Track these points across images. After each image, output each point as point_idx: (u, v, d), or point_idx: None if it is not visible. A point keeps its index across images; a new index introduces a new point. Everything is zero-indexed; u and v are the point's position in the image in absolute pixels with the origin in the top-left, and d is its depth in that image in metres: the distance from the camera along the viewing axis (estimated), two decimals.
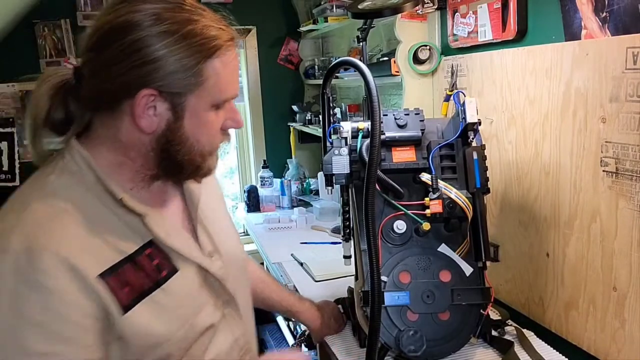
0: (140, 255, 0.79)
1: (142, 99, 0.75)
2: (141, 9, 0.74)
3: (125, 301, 0.75)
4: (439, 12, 1.69)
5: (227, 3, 2.88)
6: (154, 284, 0.80)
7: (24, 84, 2.69)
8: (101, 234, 0.76)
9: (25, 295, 0.68)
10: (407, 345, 1.08)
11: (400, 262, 1.16)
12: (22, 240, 0.70)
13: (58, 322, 0.70)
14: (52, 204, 0.75)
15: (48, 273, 0.69)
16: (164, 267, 0.82)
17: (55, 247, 0.71)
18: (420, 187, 1.19)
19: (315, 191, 2.98)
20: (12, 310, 0.68)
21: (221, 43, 0.77)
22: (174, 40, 0.74)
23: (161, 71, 0.74)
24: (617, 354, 1.12)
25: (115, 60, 0.73)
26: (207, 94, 0.78)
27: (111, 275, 0.75)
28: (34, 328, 0.69)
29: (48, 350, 0.69)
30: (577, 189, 1.19)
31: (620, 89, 1.04)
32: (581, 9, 1.13)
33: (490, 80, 1.45)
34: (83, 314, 0.72)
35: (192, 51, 0.75)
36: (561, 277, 1.26)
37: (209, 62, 0.76)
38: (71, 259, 0.71)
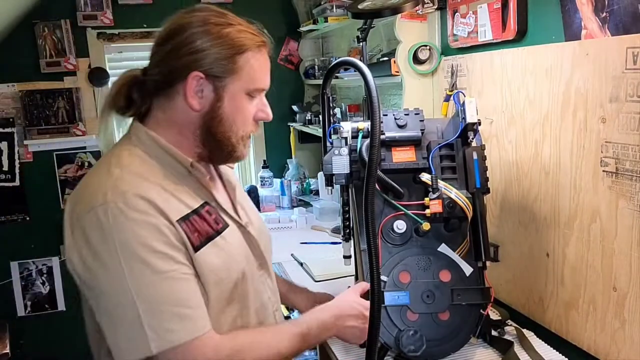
0: (202, 210, 0.99)
1: (192, 80, 0.95)
2: (194, 15, 0.98)
3: (196, 242, 0.94)
4: (439, 12, 1.69)
5: (227, 3, 2.88)
6: (215, 232, 0.99)
7: (24, 84, 2.70)
8: (171, 193, 0.95)
9: (129, 230, 0.87)
10: (407, 345, 1.08)
11: (400, 262, 1.16)
12: (117, 192, 0.89)
13: (158, 245, 0.89)
14: (130, 170, 0.94)
15: (143, 210, 0.89)
16: (219, 221, 1.02)
17: (144, 193, 0.90)
18: (420, 187, 1.19)
19: (315, 191, 2.98)
20: (122, 246, 0.87)
21: (251, 43, 0.98)
22: (216, 37, 0.95)
23: (207, 59, 0.95)
24: (617, 354, 1.12)
25: (173, 51, 0.96)
26: (242, 81, 0.98)
27: (184, 222, 0.94)
28: (147, 255, 0.88)
29: (153, 268, 0.88)
30: (577, 189, 1.19)
31: (620, 89, 1.04)
32: (581, 9, 1.13)
33: (490, 80, 1.45)
34: (176, 239, 0.91)
35: (228, 45, 0.96)
36: (561, 277, 1.26)
37: (242, 55, 0.97)
38: (159, 204, 0.91)
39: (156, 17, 3.21)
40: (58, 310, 2.88)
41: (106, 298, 0.90)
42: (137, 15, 2.80)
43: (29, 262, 2.83)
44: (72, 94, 2.75)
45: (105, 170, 0.94)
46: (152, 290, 0.88)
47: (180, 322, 0.89)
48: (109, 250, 0.87)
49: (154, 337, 0.87)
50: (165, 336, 0.88)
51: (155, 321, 0.88)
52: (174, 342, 0.88)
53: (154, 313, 0.88)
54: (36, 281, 2.84)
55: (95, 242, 0.88)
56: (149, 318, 0.87)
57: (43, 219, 2.80)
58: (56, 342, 2.86)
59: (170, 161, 0.99)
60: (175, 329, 0.89)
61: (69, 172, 2.82)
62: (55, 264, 2.85)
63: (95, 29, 2.76)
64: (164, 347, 0.88)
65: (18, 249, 2.80)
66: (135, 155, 0.97)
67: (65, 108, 2.75)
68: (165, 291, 0.89)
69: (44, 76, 2.71)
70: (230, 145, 1.01)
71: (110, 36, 2.79)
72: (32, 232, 2.80)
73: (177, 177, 0.99)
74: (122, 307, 0.88)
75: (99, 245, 0.88)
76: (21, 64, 2.68)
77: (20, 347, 2.78)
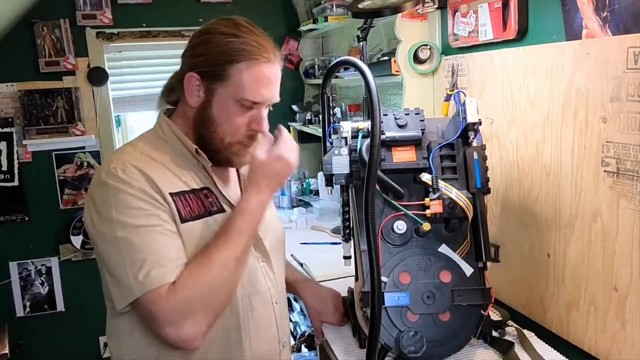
0: (200, 192, 1.08)
1: (189, 79, 1.06)
2: (215, 24, 1.08)
3: (185, 215, 1.03)
4: (439, 11, 1.69)
5: (227, 3, 2.88)
6: (207, 212, 1.07)
7: (23, 84, 2.69)
8: (175, 173, 1.06)
9: (122, 188, 0.98)
10: (407, 346, 1.08)
11: (400, 262, 1.15)
12: (120, 163, 1.01)
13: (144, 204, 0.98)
14: (142, 151, 1.07)
15: (135, 178, 1.00)
16: (215, 204, 1.09)
17: (141, 167, 1.01)
18: (420, 187, 1.18)
19: (315, 191, 2.97)
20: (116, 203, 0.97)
21: (249, 55, 1.03)
22: (215, 45, 1.05)
23: (204, 63, 1.05)
24: (617, 354, 1.12)
25: (186, 52, 1.10)
26: (230, 88, 1.04)
27: (177, 196, 1.03)
28: (134, 210, 0.97)
29: (138, 222, 0.97)
30: (578, 189, 1.19)
31: (621, 88, 1.04)
32: (582, 9, 1.13)
33: (490, 80, 1.45)
34: (162, 208, 1.00)
35: (223, 54, 1.04)
36: (562, 278, 1.26)
37: (234, 64, 1.03)
38: (152, 177, 1.01)
39: (155, 16, 3.20)
40: (57, 310, 2.87)
41: (102, 249, 0.99)
42: (137, 14, 2.80)
43: (27, 263, 2.82)
44: (71, 94, 2.74)
45: (123, 148, 1.11)
46: (137, 239, 0.96)
47: (157, 268, 0.95)
48: (104, 206, 0.99)
49: (134, 282, 0.94)
50: (144, 281, 0.94)
51: (135, 267, 0.95)
52: (147, 286, 0.94)
53: (136, 260, 0.95)
54: (35, 281, 2.84)
55: (97, 199, 1.01)
56: (132, 264, 0.95)
57: (42, 219, 2.79)
58: (55, 342, 2.86)
59: (180, 147, 1.10)
60: (151, 274, 0.94)
61: (68, 172, 2.81)
62: (54, 264, 2.85)
63: (94, 28, 2.75)
64: (143, 290, 0.94)
65: (17, 249, 2.80)
66: (152, 139, 1.11)
67: (64, 108, 2.75)
68: (147, 241, 0.97)
69: (43, 76, 2.70)
70: (215, 145, 1.08)
71: (110, 35, 2.79)
72: (31, 232, 2.79)
73: (184, 162, 1.09)
74: (113, 254, 0.97)
75: (98, 201, 1.00)
76: (20, 63, 2.68)
77: (19, 348, 2.77)
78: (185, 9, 2.84)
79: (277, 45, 1.10)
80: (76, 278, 2.82)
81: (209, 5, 2.87)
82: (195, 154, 1.09)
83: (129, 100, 2.96)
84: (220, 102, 1.05)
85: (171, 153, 1.09)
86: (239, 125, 1.07)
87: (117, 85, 2.92)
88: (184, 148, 1.09)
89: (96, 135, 2.82)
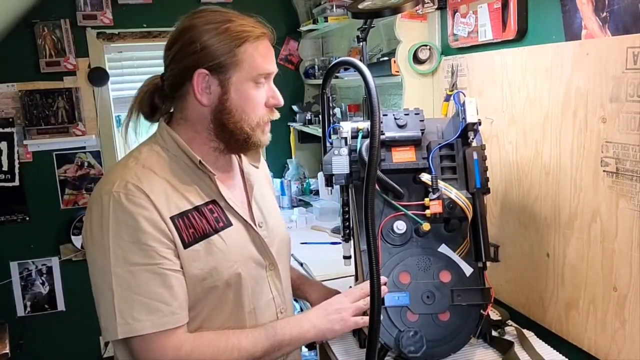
0: (204, 207, 1.04)
1: (198, 78, 1.01)
2: (196, 17, 1.04)
3: (187, 239, 1.00)
4: (439, 12, 1.69)
5: (227, 3, 2.88)
6: (213, 231, 1.04)
7: (24, 84, 2.69)
8: (176, 188, 1.02)
9: (121, 219, 0.95)
10: (407, 346, 1.08)
11: (400, 262, 1.16)
12: (122, 183, 0.97)
13: (144, 238, 0.95)
14: (144, 165, 1.02)
15: (139, 204, 0.96)
16: (221, 220, 1.06)
17: (145, 187, 0.98)
18: (420, 188, 1.19)
19: (315, 191, 2.97)
20: (114, 233, 0.94)
21: (251, 34, 1.02)
22: (215, 34, 1.01)
23: (209, 55, 1.00)
24: (617, 354, 1.12)
25: (179, 53, 1.02)
26: (244, 71, 1.02)
27: (180, 218, 1.00)
28: (132, 245, 0.94)
29: (133, 259, 0.94)
30: (577, 189, 1.19)
31: (621, 88, 1.04)
32: (581, 9, 1.13)
33: (490, 80, 1.45)
34: (164, 236, 0.97)
35: (227, 40, 1.01)
36: (561, 277, 1.26)
37: (241, 47, 1.01)
38: (155, 199, 0.98)
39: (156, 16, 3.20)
40: (58, 310, 2.88)
41: (94, 277, 0.97)
42: (137, 15, 2.80)
43: (28, 262, 2.82)
44: (71, 94, 2.75)
45: (124, 162, 1.05)
46: (129, 277, 0.94)
47: (148, 313, 0.94)
48: (102, 234, 0.95)
49: (121, 322, 0.93)
50: (132, 324, 0.93)
51: (125, 307, 0.93)
52: (137, 331, 0.93)
53: (125, 300, 0.93)
54: (36, 281, 2.84)
55: (94, 224, 0.97)
56: (121, 303, 0.93)
57: (43, 219, 2.79)
58: (56, 342, 2.87)
59: (184, 158, 1.06)
60: (141, 319, 0.93)
61: (69, 172, 2.81)
62: (55, 264, 2.85)
63: (95, 28, 2.75)
64: (128, 333, 0.93)
65: (18, 249, 2.80)
66: (153, 152, 1.06)
67: (64, 108, 2.75)
68: (140, 281, 0.94)
69: (43, 76, 2.70)
70: (244, 133, 1.05)
71: (110, 36, 2.79)
72: (32, 232, 2.79)
73: (188, 174, 1.06)
74: (104, 287, 0.95)
75: (96, 227, 0.96)
76: (21, 63, 2.68)
77: (20, 347, 2.78)
78: (185, 10, 2.78)
79: None
80: (77, 278, 2.82)
81: (209, 5, 2.87)
82: (200, 165, 1.05)
83: (129, 100, 2.93)
84: (238, 90, 1.03)
85: (174, 165, 1.05)
86: (260, 105, 1.06)
87: (117, 85, 2.92)
88: (187, 158, 1.06)
89: (97, 135, 2.82)
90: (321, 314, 1.08)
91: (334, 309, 1.08)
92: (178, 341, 0.97)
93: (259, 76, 1.04)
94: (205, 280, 1.01)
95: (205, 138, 1.07)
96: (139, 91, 1.11)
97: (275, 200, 1.33)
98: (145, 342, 0.94)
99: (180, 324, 0.97)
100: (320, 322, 1.07)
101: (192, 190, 1.04)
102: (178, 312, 0.97)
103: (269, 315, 1.12)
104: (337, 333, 1.08)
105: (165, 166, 1.04)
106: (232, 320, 1.06)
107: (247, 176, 1.18)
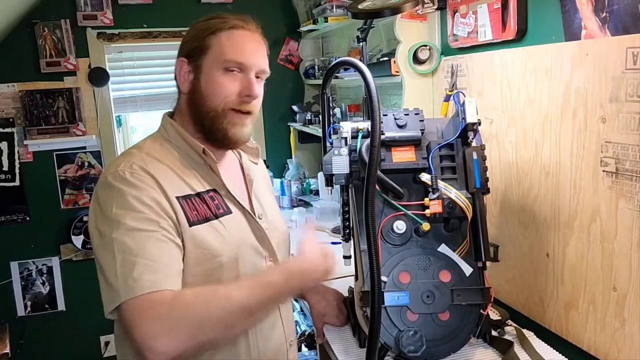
0: (205, 194, 1.08)
1: (178, 65, 1.10)
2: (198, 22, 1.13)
3: (192, 219, 1.03)
4: (439, 12, 1.69)
5: (227, 3, 2.88)
6: (214, 215, 1.07)
7: (24, 84, 2.70)
8: (180, 176, 1.07)
9: (126, 191, 0.98)
10: (406, 346, 1.08)
11: (400, 262, 1.16)
12: (127, 166, 1.02)
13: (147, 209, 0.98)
14: (149, 154, 1.07)
15: (142, 180, 1.00)
16: (221, 207, 1.10)
17: (148, 168, 1.02)
18: (420, 187, 1.19)
19: (315, 191, 2.98)
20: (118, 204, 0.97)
21: (224, 25, 1.08)
22: (196, 29, 1.11)
23: (186, 46, 1.11)
24: (617, 354, 1.12)
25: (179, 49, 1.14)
26: (212, 56, 1.07)
27: (184, 199, 1.04)
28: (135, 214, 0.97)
29: (137, 226, 0.96)
30: (577, 189, 1.19)
31: (620, 89, 1.04)
32: (581, 9, 1.13)
33: (490, 80, 1.45)
34: (164, 216, 0.99)
35: (202, 31, 1.09)
36: (561, 277, 1.26)
37: (213, 35, 1.08)
38: (159, 179, 1.02)
39: (156, 17, 3.21)
40: (58, 310, 2.88)
41: (98, 249, 0.98)
42: (137, 15, 2.80)
43: (28, 262, 2.82)
44: (72, 94, 2.75)
45: (129, 150, 1.10)
46: (131, 242, 0.95)
47: (149, 273, 0.94)
48: (106, 207, 0.98)
49: (123, 285, 0.92)
50: (132, 285, 0.92)
51: (126, 270, 0.93)
52: (136, 291, 0.92)
53: (127, 263, 0.94)
54: (36, 281, 2.84)
55: (101, 200, 1.01)
56: (123, 267, 0.94)
57: (43, 219, 2.79)
58: (56, 342, 2.87)
59: (186, 148, 1.10)
60: (142, 278, 0.93)
61: (69, 172, 2.81)
62: (55, 264, 2.85)
63: (95, 28, 2.75)
64: (130, 294, 0.92)
65: (18, 249, 2.80)
66: (157, 142, 1.11)
67: (65, 108, 2.75)
68: (142, 245, 0.95)
69: (44, 76, 2.70)
70: (210, 119, 1.08)
71: (110, 36, 2.79)
72: (32, 232, 2.79)
73: (190, 163, 1.10)
74: (106, 255, 0.96)
75: (103, 203, 1.00)
76: (21, 64, 2.68)
77: (20, 347, 2.77)
78: (185, 10, 2.84)
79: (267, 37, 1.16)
80: (77, 278, 2.83)
81: (209, 5, 2.87)
82: (203, 154, 1.09)
83: (129, 100, 2.96)
84: (207, 74, 1.07)
85: (176, 154, 1.09)
86: (229, 92, 1.07)
87: (118, 85, 2.92)
88: (189, 148, 1.10)
89: (97, 135, 2.82)
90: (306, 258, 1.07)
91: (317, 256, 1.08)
92: (174, 294, 0.94)
93: (226, 62, 1.06)
94: (207, 261, 1.03)
95: (192, 128, 1.11)
96: None
97: (275, 200, 1.34)
98: (144, 301, 0.91)
99: (176, 288, 0.96)
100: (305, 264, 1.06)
101: (193, 178, 1.08)
102: (177, 277, 0.97)
103: None
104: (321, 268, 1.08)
105: (167, 155, 1.08)
106: None
107: (246, 171, 1.21)
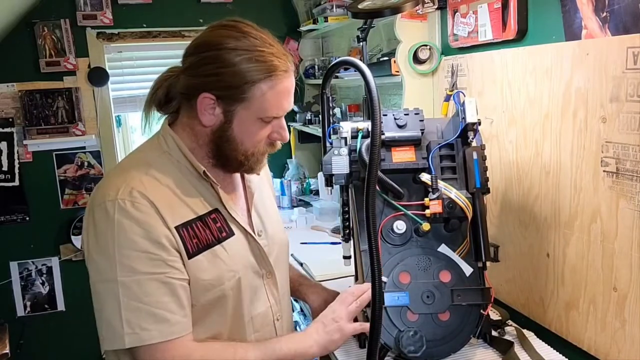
0: (208, 217, 1.04)
1: (203, 100, 0.99)
2: (221, 34, 0.99)
3: (191, 250, 0.99)
4: (439, 11, 1.69)
5: (227, 3, 2.88)
6: (216, 241, 1.03)
7: (24, 84, 2.69)
8: (180, 198, 1.01)
9: (128, 227, 0.93)
10: (407, 346, 1.08)
11: (400, 262, 1.16)
12: (127, 193, 0.95)
13: (150, 248, 0.94)
14: (147, 172, 1.00)
15: (145, 211, 0.95)
16: (224, 229, 1.06)
17: (150, 195, 0.96)
18: (420, 187, 1.19)
19: (315, 191, 2.97)
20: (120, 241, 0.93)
21: (268, 72, 0.97)
22: (227, 64, 0.96)
23: (217, 84, 0.97)
24: (617, 354, 1.12)
25: (193, 67, 1.00)
26: (252, 109, 0.99)
27: (184, 228, 0.99)
28: (139, 254, 0.93)
29: (140, 268, 0.93)
30: (577, 189, 1.19)
31: (621, 88, 1.04)
32: (581, 9, 1.13)
33: (490, 80, 1.45)
34: (170, 244, 0.96)
35: (242, 75, 0.96)
36: (561, 277, 1.26)
37: (253, 86, 0.97)
38: (161, 208, 0.97)
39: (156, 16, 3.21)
40: (58, 310, 2.87)
41: (98, 284, 0.96)
42: (137, 15, 2.80)
43: (28, 262, 2.82)
44: (71, 94, 2.74)
45: (127, 166, 1.04)
46: (136, 287, 0.93)
47: (156, 323, 0.93)
48: (106, 240, 0.94)
49: (129, 331, 0.92)
50: (139, 333, 0.92)
51: (132, 317, 0.92)
52: (145, 340, 0.93)
53: (133, 309, 0.92)
54: (36, 281, 2.84)
55: (99, 231, 0.95)
56: (128, 313, 0.92)
57: (42, 219, 2.79)
58: (56, 342, 2.87)
59: (187, 165, 1.05)
60: (149, 328, 0.93)
61: (69, 172, 2.81)
62: (54, 264, 2.85)
63: (94, 28, 2.75)
64: (135, 343, 0.93)
65: (17, 249, 2.80)
66: (156, 152, 1.05)
67: (64, 108, 2.75)
68: (148, 290, 0.93)
69: (43, 76, 2.70)
70: (237, 161, 1.05)
71: (110, 36, 2.79)
72: (32, 232, 2.79)
73: (191, 182, 1.04)
74: (108, 296, 0.93)
75: (101, 234, 0.95)
76: (21, 63, 2.68)
77: (20, 347, 2.78)
78: (185, 9, 2.84)
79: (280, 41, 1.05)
80: (77, 278, 2.82)
81: (209, 5, 2.87)
82: (204, 175, 1.04)
83: (129, 100, 2.96)
84: (241, 123, 1.01)
85: (176, 171, 1.04)
86: (262, 138, 1.04)
87: (117, 85, 2.92)
88: (190, 166, 1.05)
89: (97, 135, 2.82)
90: (320, 328, 1.08)
91: (330, 320, 1.08)
92: (187, 349, 0.96)
93: (267, 117, 1.02)
94: (209, 291, 1.01)
95: (204, 152, 1.06)
96: (157, 80, 1.07)
97: (275, 202, 1.32)
98: (153, 351, 0.94)
99: (187, 332, 0.97)
100: (321, 336, 1.07)
101: (195, 199, 1.03)
102: (184, 320, 0.97)
103: (267, 323, 1.12)
104: (339, 342, 1.08)
105: (168, 173, 1.02)
106: (232, 330, 1.06)
107: (247, 183, 1.17)
